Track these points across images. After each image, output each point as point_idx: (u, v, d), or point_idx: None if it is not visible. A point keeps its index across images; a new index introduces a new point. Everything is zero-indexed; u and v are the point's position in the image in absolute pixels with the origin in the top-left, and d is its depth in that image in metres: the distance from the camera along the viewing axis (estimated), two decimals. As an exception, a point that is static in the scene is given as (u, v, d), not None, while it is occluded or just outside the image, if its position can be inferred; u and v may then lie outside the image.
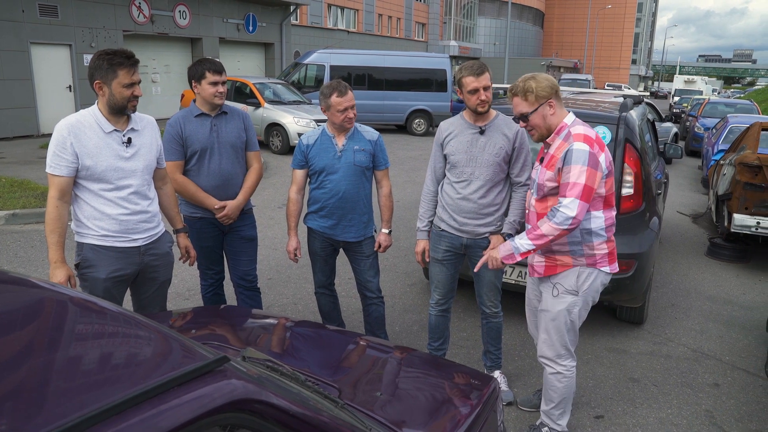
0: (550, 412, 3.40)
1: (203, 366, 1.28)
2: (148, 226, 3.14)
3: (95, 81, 2.93)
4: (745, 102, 20.84)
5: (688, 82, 47.51)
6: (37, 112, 15.10)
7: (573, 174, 2.90)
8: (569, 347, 3.28)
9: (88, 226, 3.00)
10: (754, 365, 4.62)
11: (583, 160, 2.90)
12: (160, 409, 1.13)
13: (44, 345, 1.31)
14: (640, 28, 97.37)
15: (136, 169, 3.05)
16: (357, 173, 3.84)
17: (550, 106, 3.04)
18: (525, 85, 3.04)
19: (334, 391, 2.15)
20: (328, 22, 35.10)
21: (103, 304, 1.54)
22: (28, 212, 7.58)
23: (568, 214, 2.89)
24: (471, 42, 58.67)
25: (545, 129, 3.09)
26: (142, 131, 3.13)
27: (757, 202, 6.85)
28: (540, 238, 2.97)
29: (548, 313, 3.24)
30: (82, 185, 2.97)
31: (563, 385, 3.30)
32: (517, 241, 3.06)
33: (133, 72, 2.94)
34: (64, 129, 2.91)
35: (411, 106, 19.92)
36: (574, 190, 2.90)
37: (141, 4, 17.70)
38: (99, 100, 2.99)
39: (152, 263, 3.21)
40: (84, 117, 2.98)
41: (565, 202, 2.90)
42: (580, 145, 2.92)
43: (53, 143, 2.91)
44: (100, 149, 2.94)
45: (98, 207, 2.99)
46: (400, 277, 6.18)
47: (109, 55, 2.90)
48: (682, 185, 12.52)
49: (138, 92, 2.98)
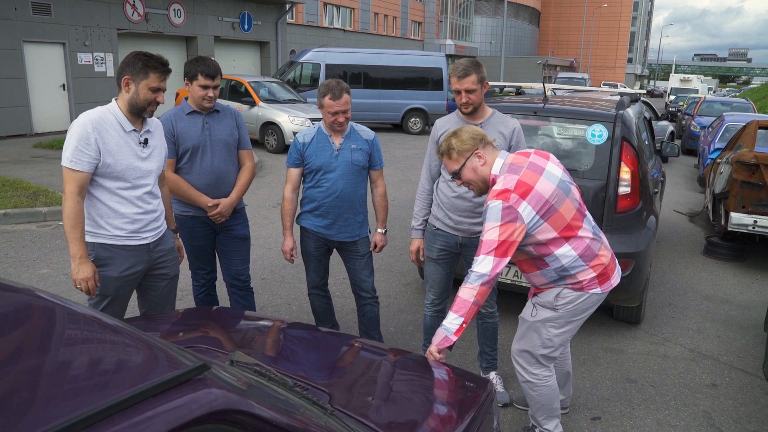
0: (534, 416, 3.37)
1: (181, 375, 1.21)
2: (156, 224, 3.18)
3: (124, 76, 2.94)
4: (741, 100, 20.84)
5: (683, 80, 47.53)
6: (30, 111, 15.00)
7: (487, 232, 2.80)
8: (540, 361, 3.17)
9: (101, 225, 3.00)
10: (752, 365, 4.57)
11: (496, 216, 2.78)
12: (133, 421, 1.06)
13: (4, 352, 1.23)
14: (635, 26, 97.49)
15: (151, 170, 3.09)
16: (354, 172, 3.79)
17: (478, 156, 2.95)
18: (447, 143, 2.97)
19: (324, 395, 2.09)
20: (323, 20, 35.02)
21: (74, 307, 1.46)
22: (19, 212, 7.50)
23: (480, 271, 2.77)
24: (467, 41, 58.64)
25: (480, 182, 2.99)
26: (155, 133, 3.17)
27: (754, 201, 6.81)
28: (463, 306, 2.79)
29: (524, 322, 3.18)
30: (98, 183, 2.96)
31: (536, 393, 3.21)
32: (445, 323, 2.83)
33: (163, 79, 2.98)
34: (88, 124, 2.88)
35: (407, 104, 19.87)
36: (486, 247, 2.78)
37: (135, 3, 17.59)
38: (120, 96, 3.00)
39: (160, 259, 3.24)
40: (105, 114, 2.97)
41: (478, 260, 2.79)
42: (493, 202, 2.80)
43: (75, 138, 2.86)
44: (120, 147, 2.95)
45: (113, 206, 2.99)
46: (396, 276, 6.12)
47: (146, 56, 2.95)
48: (679, 184, 12.49)
49: (161, 99, 3.00)
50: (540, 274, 3.02)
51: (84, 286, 2.90)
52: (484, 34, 66.63)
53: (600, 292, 3.00)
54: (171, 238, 3.36)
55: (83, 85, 16.27)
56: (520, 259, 3.06)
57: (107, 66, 16.94)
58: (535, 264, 3.00)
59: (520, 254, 3.01)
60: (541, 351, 3.13)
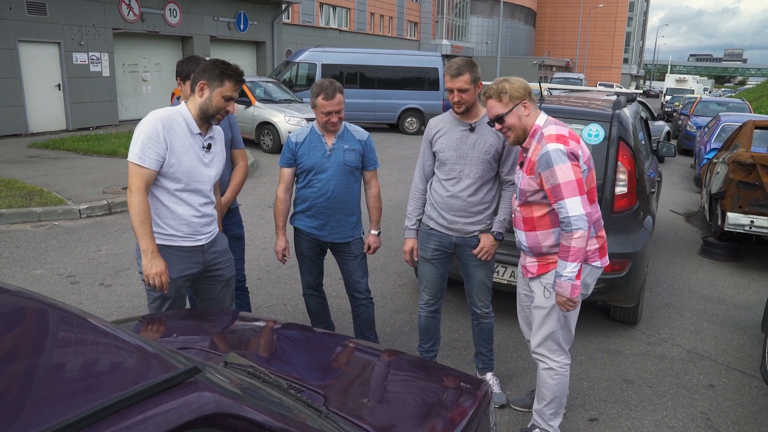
0: (542, 410, 3.35)
1: (171, 378, 1.18)
2: (210, 228, 3.20)
3: (200, 81, 2.97)
4: (736, 101, 20.84)
5: (679, 81, 47.55)
6: (25, 111, 14.91)
7: (560, 174, 2.86)
8: (562, 344, 3.25)
9: (159, 224, 3.01)
10: (749, 366, 4.56)
11: (562, 158, 2.87)
12: (121, 426, 1.03)
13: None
14: (631, 27, 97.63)
15: (210, 175, 3.11)
16: (346, 173, 3.76)
17: (525, 107, 3.02)
18: (498, 86, 3.04)
19: (319, 397, 2.06)
20: (319, 20, 34.96)
21: (63, 308, 1.43)
22: (13, 212, 7.45)
23: (579, 212, 2.84)
24: (463, 41, 58.65)
25: (521, 130, 3.05)
26: (217, 139, 3.18)
27: (750, 201, 6.81)
28: (576, 253, 2.87)
29: (541, 310, 3.20)
30: (159, 183, 2.97)
31: (555, 382, 3.27)
32: (564, 273, 2.89)
33: (237, 89, 3.01)
34: (159, 122, 2.89)
35: (403, 104, 19.85)
36: (565, 191, 2.86)
37: (131, 2, 17.51)
38: (191, 100, 3.02)
39: (215, 261, 3.24)
40: (174, 114, 2.98)
41: (569, 205, 2.85)
42: (554, 145, 2.90)
43: (144, 134, 2.86)
44: (185, 149, 2.96)
45: (171, 206, 3.00)
46: (391, 277, 6.10)
47: (224, 65, 2.98)
48: (675, 184, 12.49)
49: (231, 108, 3.02)
50: (552, 233, 3.07)
51: (158, 281, 2.89)
52: (480, 35, 66.61)
53: (600, 266, 3.13)
54: (224, 240, 3.36)
55: (79, 85, 16.19)
56: (541, 213, 3.06)
57: (102, 66, 16.86)
58: (556, 220, 3.02)
59: (547, 205, 3.03)
60: (562, 335, 3.23)
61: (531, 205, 3.09)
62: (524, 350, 4.57)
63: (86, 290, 5.44)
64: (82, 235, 7.08)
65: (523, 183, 3.07)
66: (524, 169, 3.07)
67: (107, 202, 8.12)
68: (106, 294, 5.37)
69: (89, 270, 5.94)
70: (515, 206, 3.22)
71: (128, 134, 14.15)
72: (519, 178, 3.14)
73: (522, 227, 3.18)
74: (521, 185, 3.09)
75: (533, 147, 3.02)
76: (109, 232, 7.26)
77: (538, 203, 3.06)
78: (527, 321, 3.52)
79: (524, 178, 3.06)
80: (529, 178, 3.02)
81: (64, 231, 7.21)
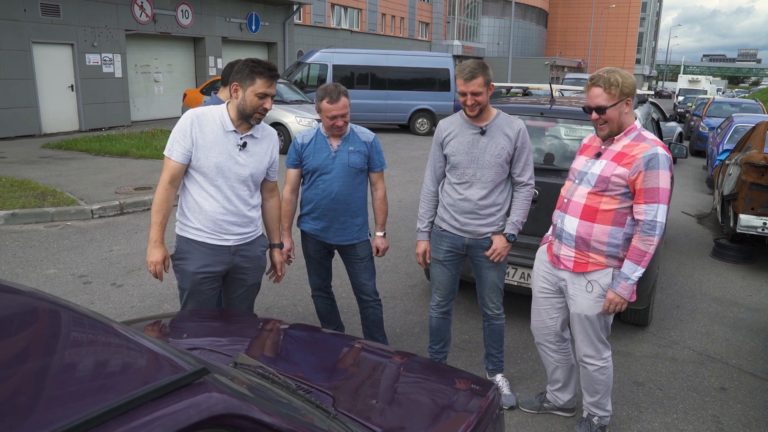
0: (599, 402, 3.44)
1: (180, 379, 1.19)
2: (243, 230, 3.20)
3: (233, 83, 3.03)
4: (750, 101, 20.69)
5: (692, 81, 47.29)
6: (38, 112, 15.06)
7: (661, 179, 2.90)
8: (605, 340, 3.33)
9: (188, 217, 3.11)
10: (761, 369, 4.52)
11: (668, 165, 2.93)
12: (130, 426, 1.04)
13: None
14: (644, 27, 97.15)
15: (242, 174, 3.11)
16: (351, 175, 3.76)
17: (627, 104, 3.01)
18: (610, 77, 2.98)
19: (328, 398, 2.07)
20: (331, 21, 35.03)
21: (74, 309, 1.45)
22: (27, 212, 7.53)
23: (660, 220, 2.91)
24: (474, 41, 58.55)
25: (617, 126, 3.04)
26: (261, 140, 3.20)
27: (763, 203, 6.76)
28: (648, 259, 2.96)
29: (585, 317, 3.22)
30: (191, 175, 3.07)
31: (605, 376, 3.37)
32: (630, 274, 2.98)
33: (270, 84, 3.01)
34: (189, 117, 3.02)
35: (414, 105, 19.86)
36: (662, 196, 2.91)
37: (143, 4, 17.64)
38: (231, 101, 3.08)
39: (241, 264, 3.26)
40: (211, 111, 3.08)
41: (661, 211, 2.91)
42: (662, 150, 2.94)
43: (176, 129, 3.02)
44: (215, 144, 3.03)
45: (198, 200, 3.08)
46: (402, 278, 6.10)
47: (254, 63, 3.00)
48: (687, 185, 12.41)
49: (268, 105, 3.04)
50: (610, 232, 3.06)
51: (152, 269, 3.03)
52: (491, 35, 66.48)
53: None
54: (261, 246, 3.35)
55: (91, 86, 16.32)
56: (610, 207, 3.05)
57: (115, 67, 16.99)
58: (619, 219, 3.05)
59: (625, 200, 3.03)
60: (604, 334, 3.30)
61: (602, 195, 3.05)
62: (534, 352, 4.56)
63: (98, 290, 5.48)
64: (94, 235, 7.14)
65: (606, 170, 3.02)
66: (608, 158, 3.04)
67: (119, 203, 8.18)
68: (117, 294, 5.41)
69: (101, 270, 5.99)
70: (578, 192, 3.15)
71: (140, 135, 14.24)
72: (592, 165, 3.10)
73: (578, 214, 3.12)
74: (602, 172, 3.03)
75: (625, 143, 3.03)
76: (121, 232, 7.31)
77: (612, 196, 3.03)
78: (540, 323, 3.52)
79: (610, 166, 3.01)
80: (621, 169, 2.98)
81: (77, 231, 7.27)
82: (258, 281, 3.42)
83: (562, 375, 3.64)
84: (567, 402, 3.74)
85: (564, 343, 3.56)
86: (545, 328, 3.52)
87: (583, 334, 3.29)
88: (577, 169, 3.23)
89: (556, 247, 3.28)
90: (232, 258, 3.18)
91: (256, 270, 3.35)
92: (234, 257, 3.19)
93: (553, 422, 3.71)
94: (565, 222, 3.19)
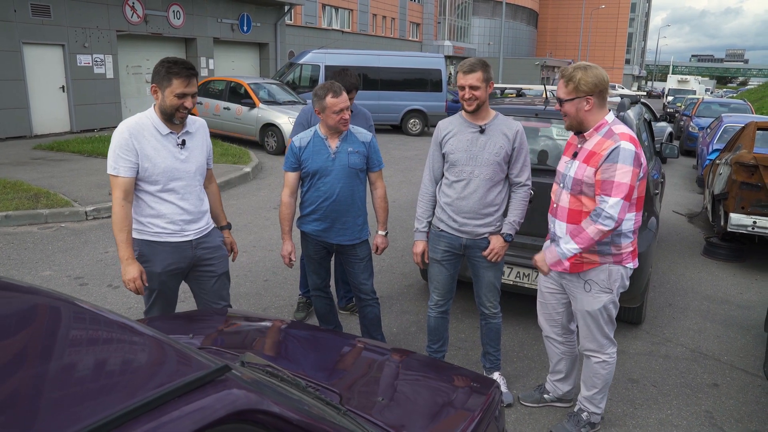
0: (593, 397, 3.50)
1: (204, 376, 1.23)
2: (199, 224, 3.27)
3: (152, 85, 3.05)
4: (738, 102, 20.88)
5: (681, 81, 47.63)
6: (29, 113, 14.97)
7: (619, 173, 2.92)
8: (610, 336, 3.39)
9: (144, 223, 3.14)
10: (752, 365, 4.60)
11: (630, 160, 2.93)
12: (161, 421, 1.08)
13: (35, 353, 1.25)
14: (633, 28, 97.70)
15: (189, 170, 3.17)
16: (351, 175, 3.80)
17: (587, 101, 3.05)
18: (571, 73, 3.06)
19: (335, 396, 2.11)
20: (322, 22, 35.03)
21: (97, 310, 1.49)
22: (21, 214, 7.51)
23: (612, 213, 2.92)
24: (465, 42, 58.68)
25: (575, 121, 3.11)
26: (195, 133, 3.25)
27: (753, 202, 6.85)
28: (585, 240, 3.01)
29: (587, 312, 3.31)
30: (141, 187, 3.09)
31: (606, 371, 3.43)
32: (563, 246, 3.09)
33: (188, 84, 3.01)
34: (125, 131, 3.01)
35: (406, 106, 19.92)
36: (619, 191, 2.93)
37: (135, 4, 17.58)
38: (154, 103, 3.10)
39: (205, 256, 3.32)
40: (142, 120, 3.08)
41: (611, 203, 2.93)
42: (627, 144, 2.95)
43: (114, 145, 3.00)
44: (158, 151, 3.05)
45: (155, 207, 3.11)
46: (397, 278, 6.14)
47: (170, 63, 3.00)
48: (678, 185, 12.53)
49: (188, 104, 3.05)
50: None
51: (132, 287, 3.03)
52: (482, 35, 66.64)
53: (632, 267, 3.26)
54: (218, 236, 3.44)
55: (83, 87, 16.25)
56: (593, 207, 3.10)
57: (106, 68, 16.93)
58: None
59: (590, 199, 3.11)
60: (609, 329, 3.36)
61: (581, 197, 3.12)
62: (530, 350, 4.62)
63: (95, 291, 5.49)
64: (89, 236, 7.14)
65: (578, 173, 3.09)
66: (581, 159, 3.10)
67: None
68: (114, 295, 5.42)
69: (97, 271, 5.99)
70: (561, 197, 3.24)
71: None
72: (571, 167, 3.16)
73: (565, 218, 3.20)
74: (575, 175, 3.10)
75: (596, 140, 3.06)
76: (116, 233, 7.30)
77: (590, 197, 3.09)
78: (548, 317, 3.62)
79: (581, 168, 3.08)
80: (589, 169, 3.04)
81: (71, 233, 7.27)
82: (226, 270, 3.48)
83: (564, 366, 3.74)
84: (567, 392, 3.82)
85: (571, 335, 3.67)
86: (553, 322, 3.63)
87: (586, 329, 3.37)
88: (560, 171, 3.33)
89: None
90: (194, 252, 3.25)
91: (220, 259, 3.41)
92: (196, 250, 3.26)
93: (551, 419, 3.76)
94: (557, 226, 3.29)
